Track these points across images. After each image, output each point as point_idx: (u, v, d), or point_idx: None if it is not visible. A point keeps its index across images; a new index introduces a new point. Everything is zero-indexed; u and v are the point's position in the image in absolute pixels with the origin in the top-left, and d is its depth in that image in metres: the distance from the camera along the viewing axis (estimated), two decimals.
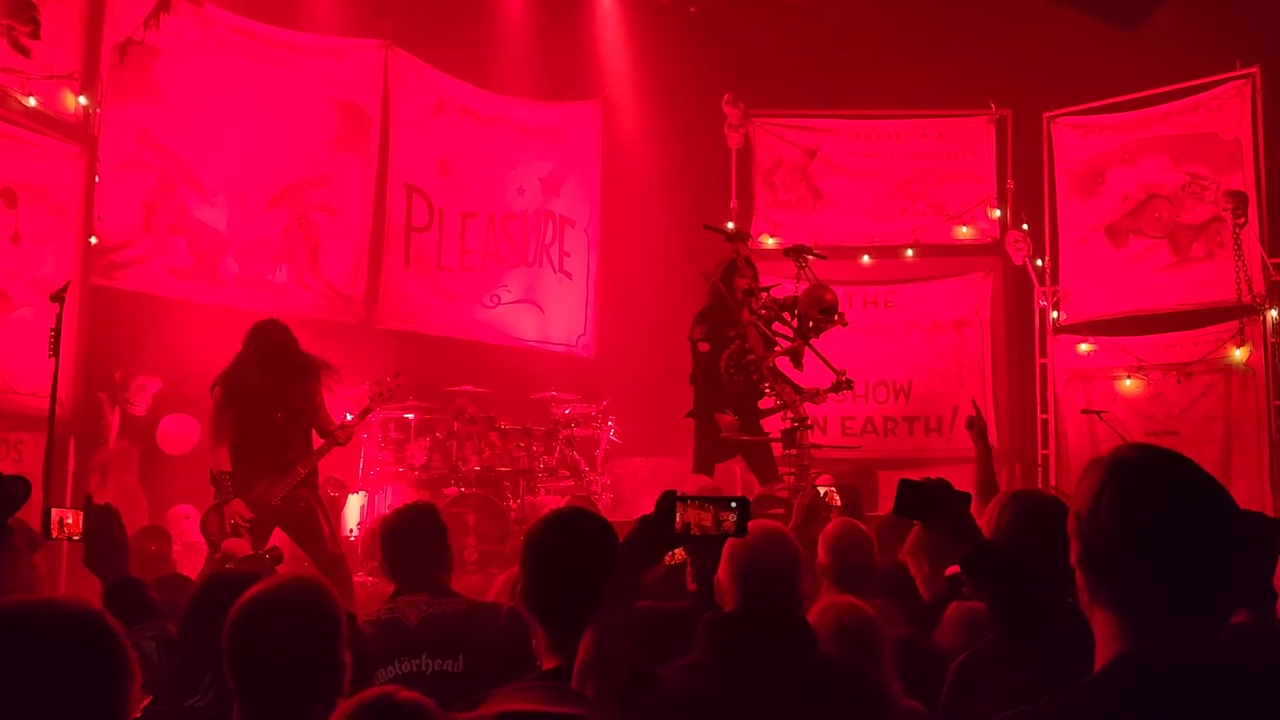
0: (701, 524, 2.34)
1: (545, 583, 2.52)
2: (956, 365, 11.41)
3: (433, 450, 9.16)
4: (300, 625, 2.29)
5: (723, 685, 2.61)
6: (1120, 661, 1.70)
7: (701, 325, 7.57)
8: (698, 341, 7.53)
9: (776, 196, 11.81)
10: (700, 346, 7.53)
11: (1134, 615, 1.70)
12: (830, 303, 7.35)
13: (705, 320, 7.60)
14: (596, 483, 9.85)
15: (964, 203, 11.52)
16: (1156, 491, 1.72)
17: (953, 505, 2.47)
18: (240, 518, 6.20)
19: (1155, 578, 1.69)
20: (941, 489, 2.47)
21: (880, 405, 11.42)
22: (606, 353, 11.69)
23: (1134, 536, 1.70)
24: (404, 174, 10.66)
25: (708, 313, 7.64)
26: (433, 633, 3.51)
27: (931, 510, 2.48)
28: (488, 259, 11.18)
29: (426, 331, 10.64)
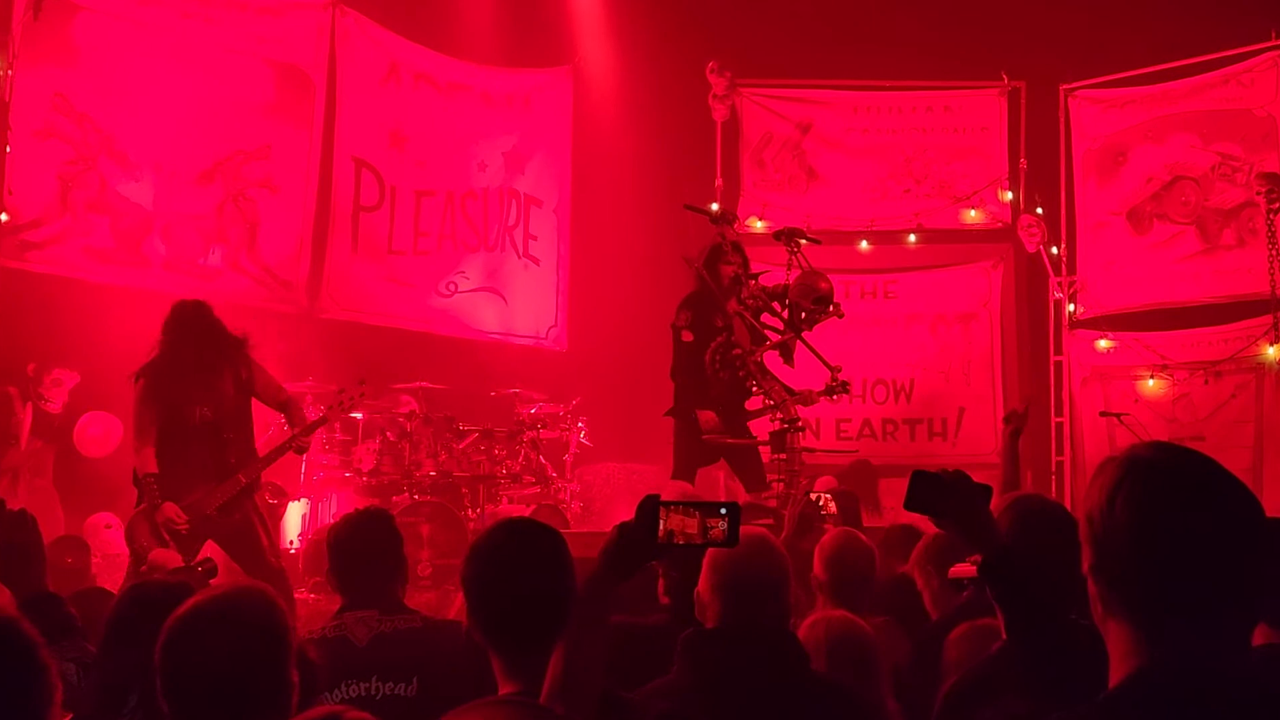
0: (686, 532, 2.34)
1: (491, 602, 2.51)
2: (963, 363, 11.48)
3: (383, 453, 9.15)
4: (244, 640, 2.27)
5: (705, 709, 2.63)
6: (1136, 678, 1.71)
7: (688, 311, 7.57)
8: (682, 329, 7.53)
9: (766, 175, 11.84)
10: (684, 335, 7.53)
11: (1151, 627, 1.71)
12: (824, 292, 7.36)
13: (691, 306, 7.61)
14: (565, 490, 9.87)
15: (972, 184, 11.59)
16: (1176, 492, 1.73)
17: (971, 500, 2.47)
18: (175, 524, 6.16)
19: (1174, 586, 1.70)
20: (959, 482, 2.47)
21: (879, 406, 11.48)
22: (577, 346, 11.70)
23: (1151, 541, 1.72)
24: (352, 147, 10.63)
25: (692, 299, 7.65)
26: (384, 653, 3.50)
27: (947, 506, 2.48)
28: (445, 241, 11.17)
29: (376, 322, 10.63)
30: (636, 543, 2.37)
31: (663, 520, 2.35)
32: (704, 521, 2.34)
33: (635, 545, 2.38)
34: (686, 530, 2.34)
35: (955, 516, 2.47)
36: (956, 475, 2.51)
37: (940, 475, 2.50)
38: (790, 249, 7.59)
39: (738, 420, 7.71)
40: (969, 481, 2.51)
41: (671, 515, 2.34)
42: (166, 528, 6.14)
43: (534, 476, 9.59)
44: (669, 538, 2.34)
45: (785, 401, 7.19)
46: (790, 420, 7.17)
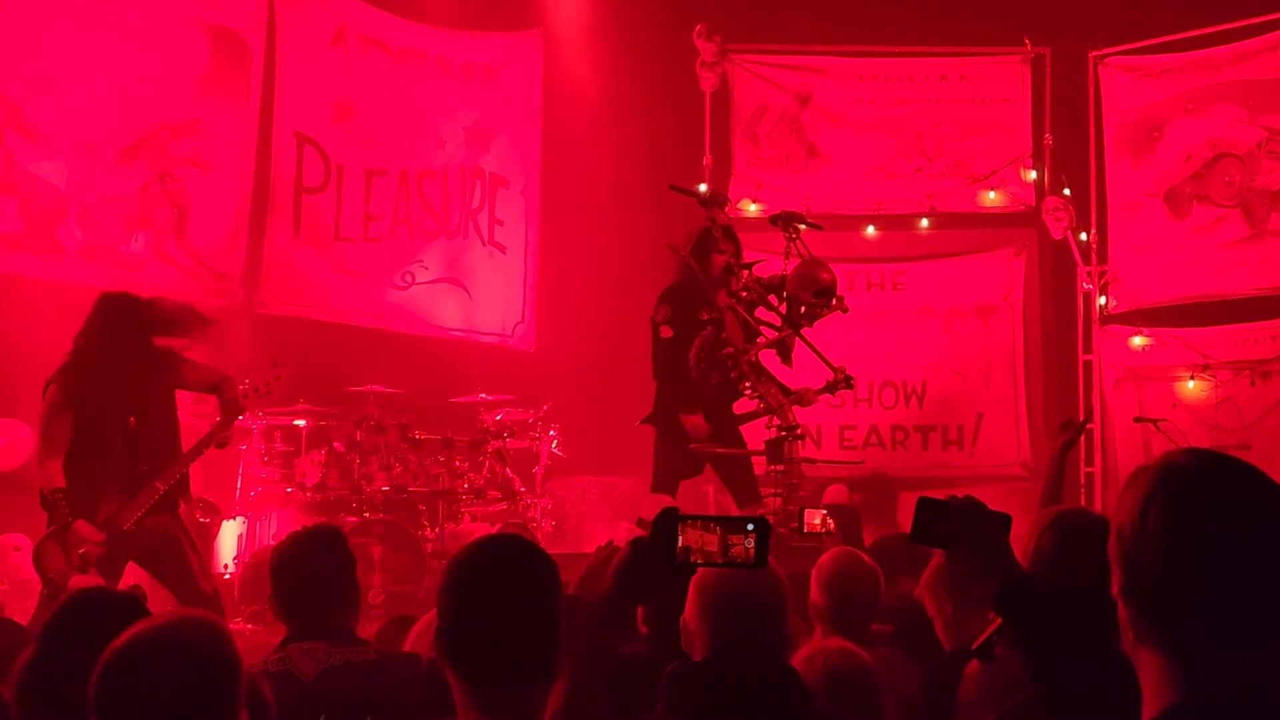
0: (706, 549, 2.33)
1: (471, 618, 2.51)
2: (981, 362, 11.53)
3: (329, 466, 9.14)
4: (190, 675, 2.26)
5: None
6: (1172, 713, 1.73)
7: (667, 305, 7.60)
8: (660, 324, 7.56)
9: (760, 152, 11.87)
10: (662, 331, 7.56)
11: (1188, 657, 1.73)
12: (826, 283, 7.40)
13: (671, 298, 7.63)
14: (535, 507, 9.89)
15: (992, 162, 11.63)
16: (1216, 505, 1.74)
17: (986, 531, 2.48)
18: (91, 542, 6.13)
19: (1213, 610, 1.72)
20: (972, 510, 2.48)
21: (887, 411, 11.52)
22: (548, 345, 11.71)
23: (1188, 559, 1.73)
24: (293, 120, 10.61)
25: (675, 290, 7.67)
26: (333, 688, 3.50)
27: (958, 537, 2.48)
28: (399, 227, 11.16)
29: (321, 317, 10.61)
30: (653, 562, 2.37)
31: (680, 535, 2.34)
32: (725, 538, 2.33)
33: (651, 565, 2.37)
34: (706, 547, 2.33)
35: (969, 550, 2.48)
36: (968, 502, 2.52)
37: (949, 503, 2.51)
38: (788, 235, 7.63)
39: (728, 426, 7.75)
40: (983, 509, 2.52)
41: (689, 530, 2.34)
42: (80, 549, 6.11)
43: (500, 491, 9.60)
44: (685, 555, 2.34)
45: (782, 406, 7.23)
46: (788, 427, 7.22)
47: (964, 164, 11.66)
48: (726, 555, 2.33)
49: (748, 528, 2.33)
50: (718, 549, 2.33)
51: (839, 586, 3.94)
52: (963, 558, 2.52)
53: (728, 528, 2.33)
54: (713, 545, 2.33)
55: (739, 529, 2.33)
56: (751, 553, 2.32)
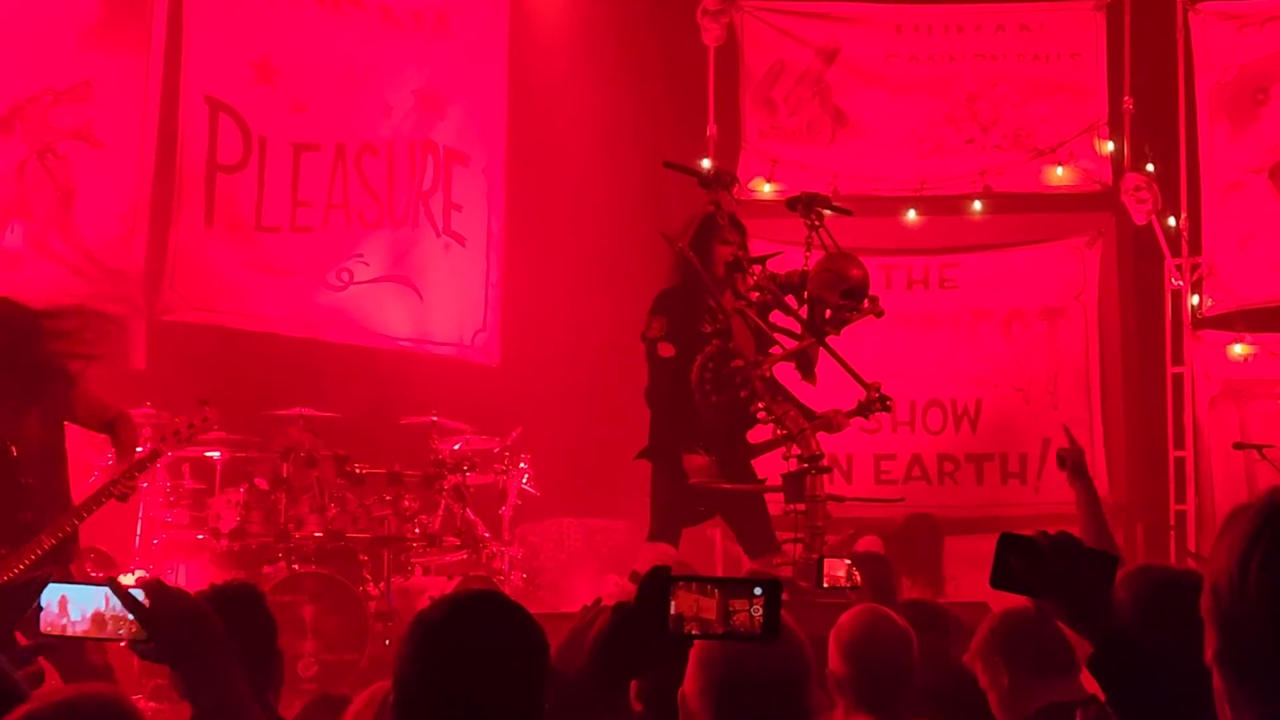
0: (702, 618, 2.33)
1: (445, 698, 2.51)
2: (1048, 375, 11.55)
3: (249, 507, 9.13)
4: None
5: None
6: None
7: (662, 316, 7.58)
8: (657, 341, 7.55)
9: (777, 121, 11.88)
10: (660, 349, 7.55)
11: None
12: (857, 281, 7.41)
13: (668, 309, 7.63)
14: (502, 556, 9.89)
15: (1060, 131, 11.66)
16: None
17: (1084, 575, 2.48)
18: None
19: None
20: (1067, 549, 2.48)
21: (933, 437, 11.53)
22: (517, 357, 11.69)
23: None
24: (204, 83, 10.60)
25: (672, 297, 7.67)
26: None
27: (1050, 581, 2.49)
28: (334, 214, 11.16)
29: (239, 325, 10.61)
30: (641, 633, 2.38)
31: (672, 599, 2.34)
32: (726, 604, 2.33)
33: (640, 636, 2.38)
34: (702, 615, 2.33)
35: (1063, 597, 2.48)
36: (1063, 539, 2.52)
37: (1038, 540, 2.51)
38: (810, 222, 7.63)
39: (737, 457, 7.74)
40: (1080, 548, 2.52)
41: (682, 593, 2.34)
42: None
43: (459, 537, 9.59)
44: (678, 625, 2.34)
45: (804, 432, 7.23)
46: (811, 457, 7.21)
47: (1025, 134, 11.69)
48: (728, 624, 2.33)
49: (754, 592, 2.33)
50: (717, 617, 2.33)
51: (863, 652, 3.93)
52: (1054, 609, 2.52)
53: (729, 591, 2.33)
54: (711, 612, 2.33)
55: (744, 593, 2.33)
56: (758, 622, 2.32)
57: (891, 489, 11.06)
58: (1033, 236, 11.68)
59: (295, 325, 10.94)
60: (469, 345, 11.92)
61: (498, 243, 12.07)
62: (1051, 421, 11.35)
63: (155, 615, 2.56)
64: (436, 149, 11.72)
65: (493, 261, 12.06)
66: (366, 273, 11.31)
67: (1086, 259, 11.64)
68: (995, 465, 11.53)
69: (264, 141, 10.87)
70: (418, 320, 11.62)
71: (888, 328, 8.46)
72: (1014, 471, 11.51)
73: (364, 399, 10.22)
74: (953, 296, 11.67)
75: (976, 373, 11.57)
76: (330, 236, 11.19)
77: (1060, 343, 11.62)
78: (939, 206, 11.67)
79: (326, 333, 11.06)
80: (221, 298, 10.67)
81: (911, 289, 11.58)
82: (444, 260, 11.77)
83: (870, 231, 10.16)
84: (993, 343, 11.63)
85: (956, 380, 11.56)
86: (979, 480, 11.51)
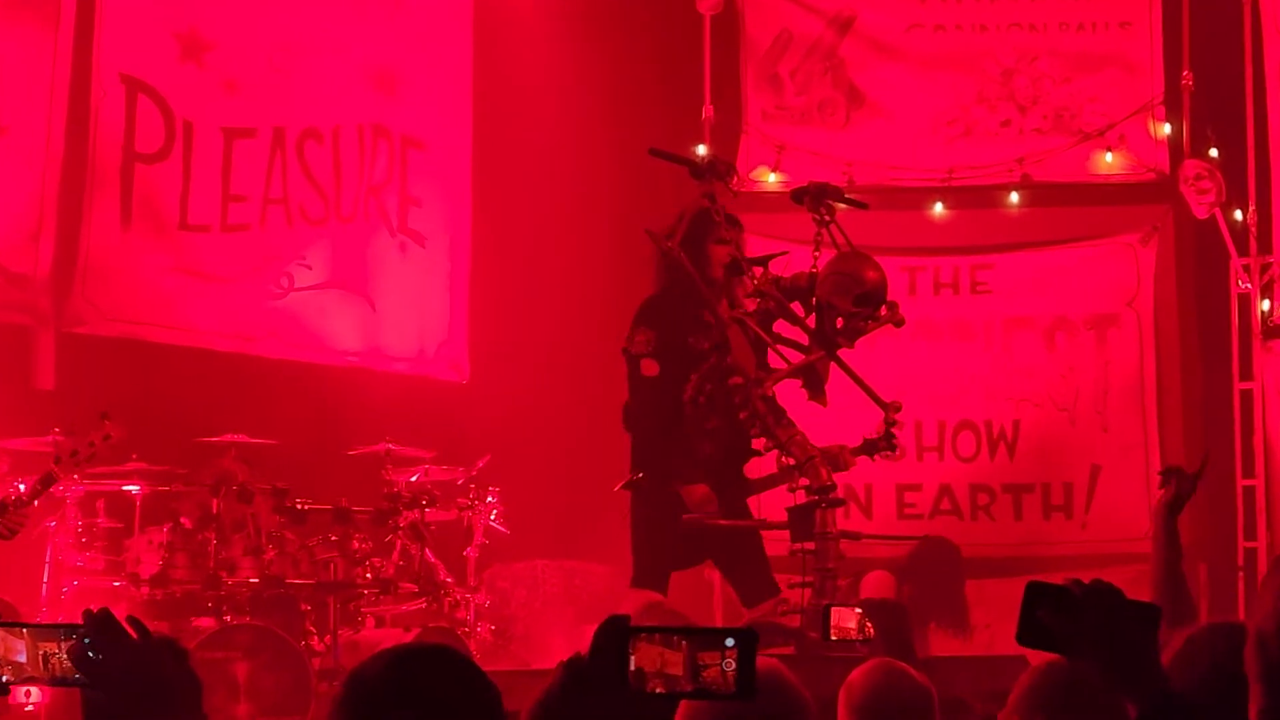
0: (667, 674, 2.31)
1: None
2: (1097, 393, 11.54)
3: (173, 549, 9.08)
4: None
5: None
6: None
7: (647, 329, 7.58)
8: (640, 358, 7.55)
9: (783, 100, 11.88)
10: (644, 367, 7.53)
11: None
12: (873, 285, 7.40)
13: (654, 319, 7.62)
14: (466, 605, 9.85)
15: (1108, 112, 11.66)
16: None
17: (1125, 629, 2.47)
18: None
19: None
20: (1105, 599, 2.47)
21: (964, 465, 11.52)
22: (486, 374, 11.69)
23: None
24: (120, 60, 10.58)
25: (659, 306, 7.67)
26: None
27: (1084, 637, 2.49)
28: (272, 210, 11.14)
29: (161, 339, 10.60)
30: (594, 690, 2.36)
31: (632, 654, 2.32)
32: (694, 657, 2.31)
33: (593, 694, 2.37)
34: (667, 670, 2.31)
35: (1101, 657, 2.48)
36: (1099, 588, 2.52)
37: (1070, 589, 2.50)
38: (820, 217, 7.63)
39: (735, 490, 7.74)
40: (1120, 598, 2.51)
41: (643, 646, 2.32)
42: None
43: (417, 583, 9.55)
44: (639, 681, 2.32)
45: (812, 460, 7.23)
46: (821, 488, 7.20)
47: (1069, 115, 11.69)
48: (696, 680, 2.30)
49: (726, 643, 2.31)
50: (684, 672, 2.30)
51: (876, 713, 3.94)
52: (1090, 667, 2.52)
53: (698, 642, 2.31)
54: (677, 667, 2.30)
55: (714, 644, 2.30)
56: (731, 678, 2.30)
57: (916, 525, 11.02)
58: (1078, 233, 11.68)
59: (227, 339, 10.92)
60: (430, 359, 11.91)
61: (463, 242, 12.06)
62: (1101, 446, 11.39)
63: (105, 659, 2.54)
64: (390, 135, 11.71)
65: (457, 263, 12.05)
66: (310, 277, 11.30)
67: (1140, 259, 11.63)
68: (1036, 497, 11.51)
69: (190, 127, 10.84)
70: (370, 331, 11.61)
71: (910, 339, 8.46)
72: (1058, 504, 11.49)
73: (307, 423, 10.18)
74: (986, 302, 11.66)
75: (1014, 390, 11.55)
76: (267, 236, 11.16)
77: (1111, 355, 11.61)
78: (970, 199, 11.67)
79: (263, 347, 11.04)
80: (141, 307, 10.63)
81: (938, 294, 11.56)
82: (400, 262, 11.76)
83: (890, 228, 10.17)
84: (1033, 356, 11.61)
85: (991, 399, 11.54)
86: (1017, 515, 11.49)
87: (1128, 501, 11.31)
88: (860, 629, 5.13)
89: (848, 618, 5.14)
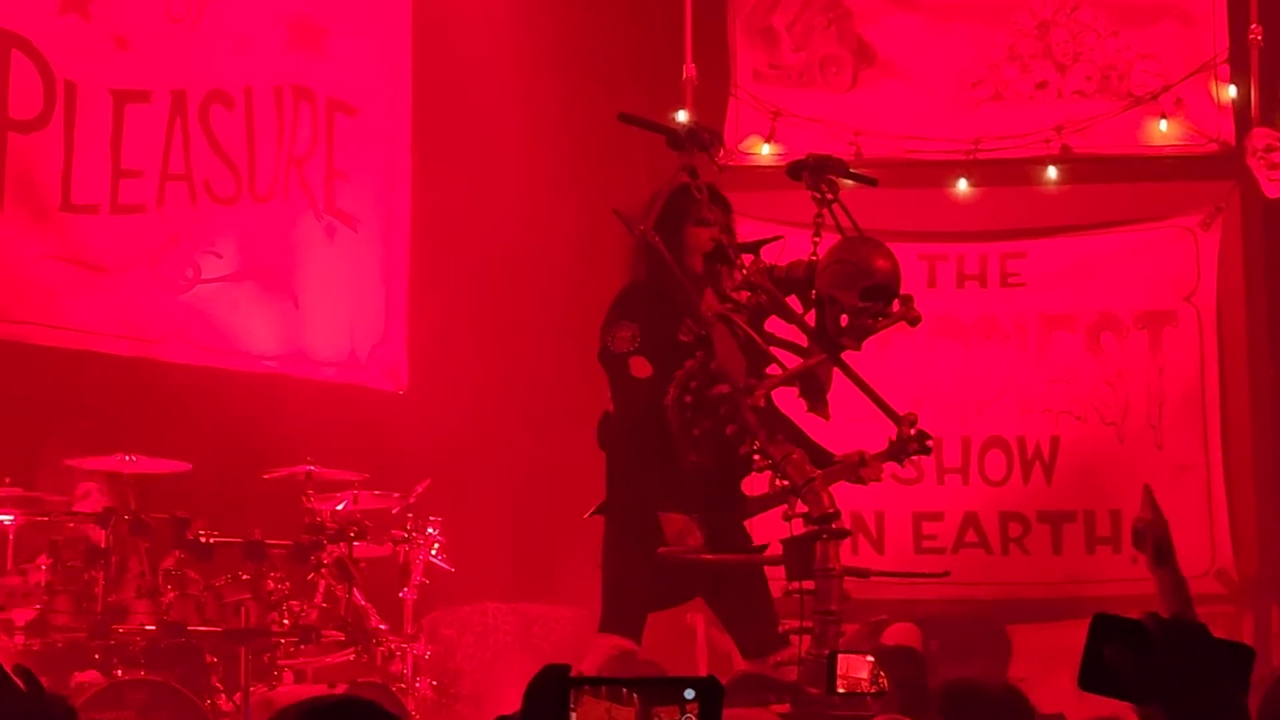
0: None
1: None
2: (1150, 404, 11.59)
3: (53, 591, 9.09)
4: None
5: None
6: None
7: (630, 322, 7.54)
8: (627, 356, 7.51)
9: (779, 58, 11.92)
10: (634, 367, 7.47)
11: None
12: (884, 276, 7.38)
13: (637, 311, 7.60)
14: (403, 656, 9.85)
15: (1163, 72, 11.72)
16: None
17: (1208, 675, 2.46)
18: None
19: None
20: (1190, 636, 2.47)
21: (994, 490, 11.56)
22: (429, 381, 11.74)
23: None
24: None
25: (641, 296, 7.66)
26: None
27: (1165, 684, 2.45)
28: (172, 188, 11.17)
29: (39, 339, 10.62)
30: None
31: (573, 710, 2.36)
32: (648, 712, 2.36)
33: None
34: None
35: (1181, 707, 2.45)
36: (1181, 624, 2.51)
37: (1146, 625, 2.49)
38: (821, 196, 7.63)
39: (730, 512, 7.74)
40: (1204, 635, 2.50)
41: (586, 701, 2.36)
42: None
43: (344, 631, 9.59)
44: None
45: (812, 483, 7.21)
46: (822, 517, 7.19)
47: (1115, 74, 11.74)
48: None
49: (685, 695, 2.35)
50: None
51: None
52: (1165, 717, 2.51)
53: (652, 695, 2.36)
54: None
55: (671, 697, 2.36)
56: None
57: (938, 560, 11.01)
58: (1127, 215, 11.75)
59: (119, 340, 10.94)
60: (362, 364, 11.96)
61: (401, 225, 12.12)
62: (1155, 466, 11.41)
63: None
64: (314, 97, 11.75)
65: (394, 250, 12.11)
66: (219, 267, 11.33)
67: (1201, 245, 11.67)
68: (1079, 527, 11.58)
69: (73, 89, 10.87)
70: (291, 331, 11.65)
71: (928, 340, 8.45)
72: (1105, 536, 11.55)
73: (214, 441, 10.19)
74: (1019, 297, 11.72)
75: (1052, 401, 11.62)
76: (167, 218, 11.19)
77: (1166, 360, 11.67)
78: (999, 174, 11.75)
79: (163, 350, 11.07)
80: (16, 302, 10.66)
81: (962, 286, 11.61)
82: (327, 249, 11.81)
83: (905, 208, 10.19)
84: (1074, 360, 11.68)
85: (1025, 412, 11.60)
86: (1056, 548, 11.56)
87: (1185, 531, 11.18)
88: (873, 679, 5.10)
89: (858, 666, 5.12)
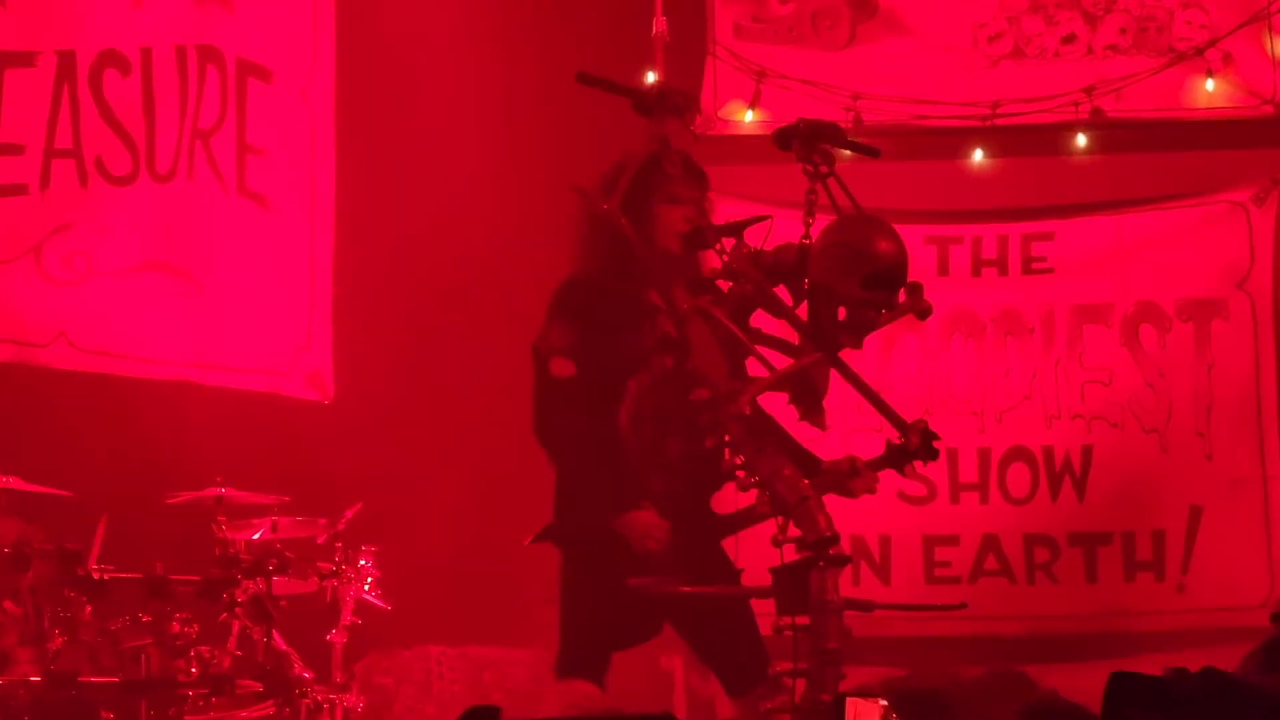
0: None
1: None
2: (1196, 407, 11.62)
3: None
4: None
5: None
6: None
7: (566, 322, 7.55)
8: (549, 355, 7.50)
9: (763, 9, 11.91)
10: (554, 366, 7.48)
11: None
12: (888, 262, 7.36)
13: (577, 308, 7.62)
14: (333, 709, 9.88)
15: (1209, 23, 11.74)
16: None
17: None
18: None
19: None
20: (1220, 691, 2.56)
21: (1016, 508, 11.60)
22: (356, 393, 11.76)
23: None
24: None
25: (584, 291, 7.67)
26: None
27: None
28: (58, 165, 11.18)
29: None
30: None
31: None
32: None
33: None
34: None
35: None
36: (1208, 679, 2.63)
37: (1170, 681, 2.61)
38: (813, 169, 7.60)
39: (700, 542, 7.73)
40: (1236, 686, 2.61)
41: None
42: None
43: (263, 680, 9.58)
44: None
45: (805, 502, 7.19)
46: (818, 541, 7.17)
47: (1156, 27, 11.75)
48: None
49: None
50: None
51: None
52: None
53: None
54: None
55: None
56: None
57: (952, 591, 11.02)
58: (1169, 190, 11.76)
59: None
60: (281, 370, 11.96)
61: (325, 207, 12.11)
62: (1203, 480, 11.43)
63: None
64: (223, 60, 11.73)
65: (318, 238, 12.10)
66: (113, 259, 11.33)
67: (1255, 223, 11.70)
68: (1115, 551, 11.58)
69: None
70: (198, 332, 11.62)
71: (939, 335, 8.42)
72: (1145, 561, 11.57)
73: (109, 460, 10.20)
74: (1045, 285, 11.72)
75: (1084, 405, 11.62)
76: (52, 201, 11.18)
77: (1216, 356, 11.69)
78: (1021, 143, 11.77)
79: (49, 354, 11.04)
80: None
81: (979, 274, 11.59)
82: (239, 235, 11.79)
83: (912, 183, 10.18)
84: (1109, 358, 11.68)
85: (1052, 418, 11.60)
86: (1090, 575, 11.57)
87: (1239, 555, 11.40)
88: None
89: (869, 712, 5.10)
